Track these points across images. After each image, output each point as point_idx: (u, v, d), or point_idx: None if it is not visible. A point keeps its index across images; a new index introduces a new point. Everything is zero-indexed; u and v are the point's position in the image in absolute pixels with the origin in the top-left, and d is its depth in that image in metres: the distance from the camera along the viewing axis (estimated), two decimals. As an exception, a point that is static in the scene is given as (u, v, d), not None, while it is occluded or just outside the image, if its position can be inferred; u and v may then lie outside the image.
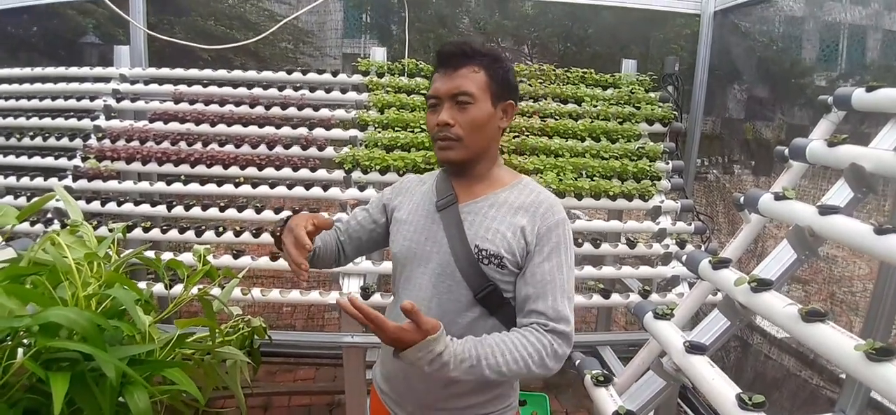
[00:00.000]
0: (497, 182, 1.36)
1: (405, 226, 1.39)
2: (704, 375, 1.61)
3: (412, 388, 1.35)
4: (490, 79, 1.29)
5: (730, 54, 3.30)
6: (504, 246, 1.26)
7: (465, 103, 1.26)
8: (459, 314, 1.29)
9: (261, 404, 3.33)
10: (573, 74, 3.30)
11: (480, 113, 1.27)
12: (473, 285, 1.27)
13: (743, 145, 3.38)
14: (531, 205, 1.30)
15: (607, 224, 2.95)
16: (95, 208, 2.82)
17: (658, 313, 1.98)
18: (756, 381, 2.75)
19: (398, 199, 1.47)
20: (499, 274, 1.27)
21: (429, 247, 1.33)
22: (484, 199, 1.33)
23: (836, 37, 3.10)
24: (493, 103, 1.29)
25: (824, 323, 1.44)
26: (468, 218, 1.31)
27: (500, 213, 1.30)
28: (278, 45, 7.97)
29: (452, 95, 1.27)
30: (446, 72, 1.29)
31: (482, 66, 1.28)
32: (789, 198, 1.86)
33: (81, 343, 1.07)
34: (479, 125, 1.28)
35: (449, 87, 1.27)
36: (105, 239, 1.55)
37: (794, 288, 2.78)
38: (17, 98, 3.20)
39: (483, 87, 1.28)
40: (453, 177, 1.38)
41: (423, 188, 1.44)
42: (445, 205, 1.34)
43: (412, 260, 1.35)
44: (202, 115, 3.07)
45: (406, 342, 1.08)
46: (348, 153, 2.89)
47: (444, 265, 1.29)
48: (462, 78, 1.27)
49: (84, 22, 5.52)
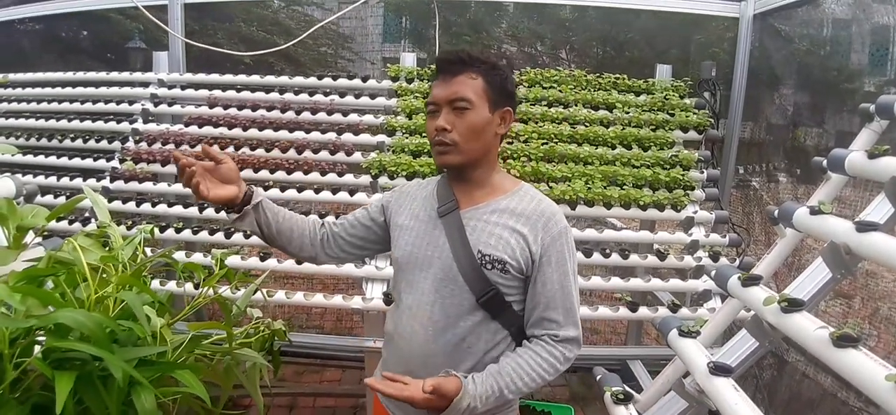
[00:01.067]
0: (498, 189, 1.37)
1: (407, 231, 1.40)
2: (728, 399, 1.53)
3: None
4: (488, 85, 1.30)
5: (770, 59, 3.17)
6: (508, 251, 1.28)
7: (462, 109, 1.28)
8: (461, 318, 1.31)
9: (286, 403, 3.37)
10: (605, 80, 3.23)
11: (477, 118, 1.28)
12: (476, 290, 1.29)
13: (784, 154, 3.23)
14: (533, 214, 1.32)
15: (637, 235, 2.87)
16: (131, 209, 2.92)
17: (683, 331, 1.90)
18: (791, 401, 2.62)
19: (398, 203, 1.48)
20: (502, 279, 1.29)
21: (430, 251, 1.34)
22: (485, 205, 1.35)
23: (886, 40, 2.94)
24: (490, 109, 1.30)
25: (856, 349, 1.35)
26: (470, 223, 1.33)
27: (502, 219, 1.32)
28: (318, 50, 8.09)
29: (450, 101, 1.28)
30: (444, 78, 1.31)
31: (480, 73, 1.29)
32: (825, 212, 1.76)
33: (86, 344, 1.09)
34: (477, 131, 1.29)
35: (447, 93, 1.29)
36: (131, 239, 1.59)
37: (834, 304, 2.63)
38: (59, 101, 3.34)
39: (480, 94, 1.29)
40: (454, 183, 1.39)
41: (424, 194, 1.45)
42: (447, 211, 1.35)
43: (414, 264, 1.37)
44: (235, 119, 3.14)
45: (437, 408, 1.19)
46: (375, 158, 2.90)
47: (445, 270, 1.31)
48: (459, 84, 1.28)
49: (130, 27, 5.73)
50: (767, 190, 3.28)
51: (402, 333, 1.37)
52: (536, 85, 3.23)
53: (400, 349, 1.38)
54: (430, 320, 1.32)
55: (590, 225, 3.06)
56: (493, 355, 1.32)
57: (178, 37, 3.45)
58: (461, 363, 1.30)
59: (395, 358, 1.40)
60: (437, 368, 1.27)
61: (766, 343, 1.70)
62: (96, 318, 1.15)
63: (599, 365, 2.43)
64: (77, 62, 5.16)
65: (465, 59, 1.29)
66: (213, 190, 1.31)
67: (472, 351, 1.31)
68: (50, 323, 1.12)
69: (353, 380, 3.62)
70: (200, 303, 1.60)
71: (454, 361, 1.30)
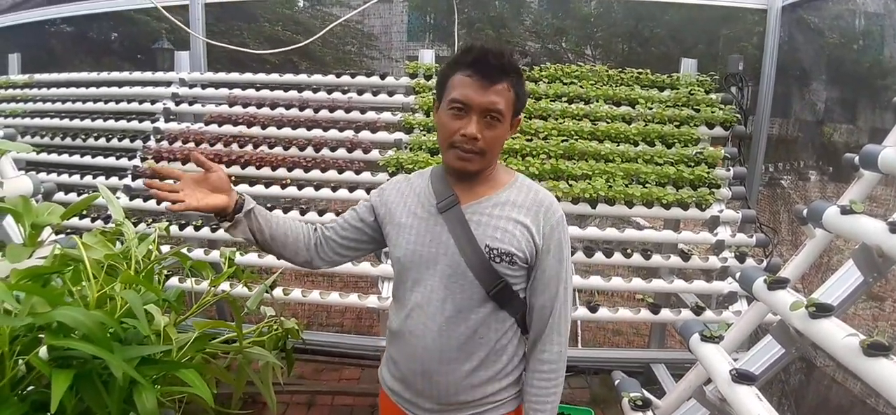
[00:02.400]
0: (497, 183, 1.37)
1: (406, 230, 1.38)
2: (750, 409, 1.45)
3: (434, 383, 1.35)
4: (516, 97, 1.30)
5: (800, 53, 3.05)
6: (514, 244, 1.30)
7: (495, 120, 1.26)
8: (473, 311, 1.32)
9: (305, 401, 3.37)
10: (627, 75, 3.15)
11: (504, 131, 1.30)
12: (485, 283, 1.31)
13: (815, 151, 3.10)
14: (533, 204, 1.34)
15: (659, 234, 2.79)
16: (152, 207, 2.95)
17: (705, 335, 1.82)
18: (819, 409, 2.51)
19: (390, 201, 1.45)
20: (510, 270, 1.31)
21: (434, 249, 1.33)
22: (487, 199, 1.34)
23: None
24: (512, 119, 1.32)
25: (888, 358, 1.27)
26: (473, 218, 1.33)
27: (505, 212, 1.32)
28: (343, 49, 8.13)
29: (485, 110, 1.25)
30: (482, 83, 1.25)
31: (512, 85, 1.28)
32: (857, 212, 1.67)
33: (84, 343, 1.09)
34: (500, 141, 1.31)
35: (483, 102, 1.25)
36: (145, 237, 1.59)
37: (866, 307, 2.52)
38: (83, 101, 3.40)
39: (510, 106, 1.29)
40: (454, 179, 1.37)
41: (418, 190, 1.42)
42: (447, 206, 1.34)
43: (418, 263, 1.35)
44: (254, 117, 3.15)
45: None
46: (392, 156, 2.88)
47: (453, 266, 1.31)
48: (497, 94, 1.25)
49: (157, 28, 5.83)
50: (796, 189, 3.16)
51: (412, 330, 1.36)
52: (557, 81, 3.16)
53: (411, 346, 1.36)
54: (442, 316, 1.32)
55: (613, 224, 2.98)
56: (502, 343, 1.35)
57: (199, 37, 3.47)
58: (474, 354, 1.33)
59: (405, 356, 1.38)
60: (452, 361, 1.31)
61: (792, 350, 1.62)
62: (96, 316, 1.14)
63: (622, 368, 2.37)
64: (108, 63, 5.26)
65: (507, 67, 1.26)
66: (203, 199, 1.33)
67: (484, 341, 1.33)
68: (50, 321, 1.11)
69: (371, 379, 3.61)
70: (208, 301, 1.59)
71: (467, 352, 1.32)
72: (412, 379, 1.38)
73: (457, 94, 1.26)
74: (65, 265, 1.36)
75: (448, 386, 1.34)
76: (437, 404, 1.37)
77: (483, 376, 1.34)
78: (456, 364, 1.32)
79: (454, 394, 1.35)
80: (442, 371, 1.33)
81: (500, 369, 1.36)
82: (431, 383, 1.35)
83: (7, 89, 3.60)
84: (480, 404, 1.36)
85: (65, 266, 1.35)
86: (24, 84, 3.62)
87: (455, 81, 1.28)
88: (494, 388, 1.36)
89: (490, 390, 1.36)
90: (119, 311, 1.33)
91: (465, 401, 1.36)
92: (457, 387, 1.34)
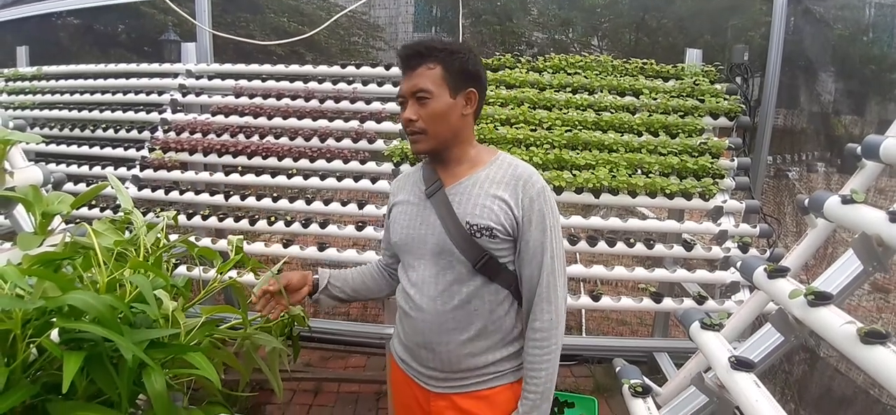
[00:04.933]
0: (477, 162, 1.49)
1: (401, 216, 1.53)
2: (748, 395, 1.47)
3: (436, 355, 1.47)
4: (446, 72, 1.40)
5: (806, 43, 3.03)
6: (492, 218, 1.39)
7: (424, 99, 1.39)
8: (463, 284, 1.43)
9: (312, 388, 3.42)
10: (632, 65, 3.15)
11: (439, 105, 1.39)
12: (470, 258, 1.41)
13: (820, 142, 3.09)
14: (511, 179, 1.42)
15: (662, 224, 2.79)
16: (160, 197, 2.99)
17: (705, 323, 1.84)
18: (823, 398, 2.52)
19: (395, 194, 1.62)
20: (492, 243, 1.41)
21: (424, 230, 1.47)
22: (467, 179, 1.46)
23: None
24: (451, 94, 1.41)
25: (885, 346, 1.28)
26: (455, 199, 1.44)
27: (484, 189, 1.43)
28: (349, 40, 8.11)
29: (413, 93, 1.40)
30: (406, 72, 1.42)
31: (437, 62, 1.39)
32: (857, 201, 1.67)
33: (95, 326, 1.12)
34: (440, 116, 1.40)
35: (409, 86, 1.40)
36: (153, 226, 1.63)
37: (870, 299, 2.52)
38: (91, 92, 3.44)
39: (439, 82, 1.39)
40: (435, 165, 1.51)
41: (413, 180, 1.57)
42: (434, 191, 1.47)
43: (411, 244, 1.49)
44: (260, 108, 3.18)
45: None
46: (397, 146, 2.90)
47: (440, 244, 1.43)
48: (419, 76, 1.39)
49: (165, 20, 5.85)
50: (802, 179, 3.15)
51: (412, 306, 1.48)
52: (561, 71, 3.17)
53: (414, 321, 1.48)
54: (437, 291, 1.44)
55: (618, 214, 2.99)
56: (498, 314, 1.45)
57: (205, 28, 3.50)
58: (471, 324, 1.43)
59: (411, 330, 1.50)
60: (451, 332, 1.43)
61: (791, 338, 1.63)
62: (106, 300, 1.17)
63: (625, 356, 2.38)
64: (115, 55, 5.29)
65: (422, 51, 1.40)
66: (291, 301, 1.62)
67: (480, 312, 1.43)
68: (62, 305, 1.14)
69: (377, 366, 3.65)
70: (215, 287, 1.62)
71: (464, 323, 1.44)
72: (417, 351, 1.51)
73: (397, 92, 1.47)
74: (75, 252, 1.40)
75: (449, 355, 1.45)
76: (441, 372, 1.48)
77: (481, 345, 1.45)
78: (454, 334, 1.43)
79: (456, 363, 1.46)
80: (442, 342, 1.44)
81: (499, 340, 1.46)
82: (434, 354, 1.47)
83: (16, 81, 3.65)
84: (482, 373, 1.46)
85: (75, 253, 1.39)
86: (32, 76, 3.66)
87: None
88: (494, 357, 1.46)
89: (490, 358, 1.46)
90: (129, 296, 1.36)
91: (466, 369, 1.46)
92: (458, 356, 1.45)
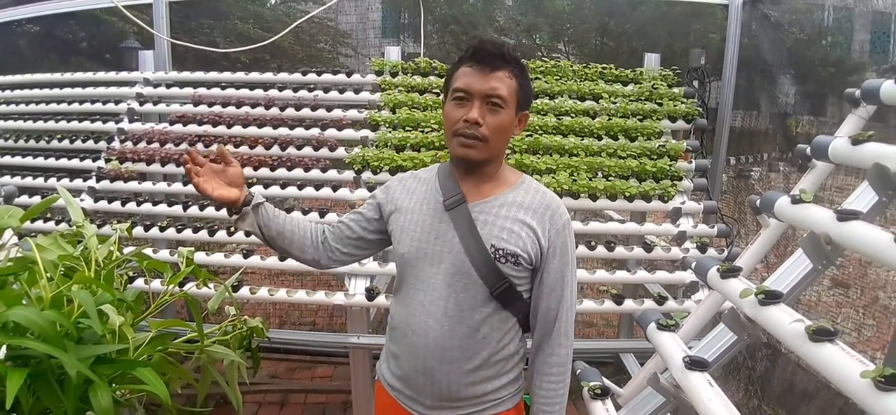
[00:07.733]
0: (503, 182, 1.39)
1: (411, 226, 1.39)
2: (701, 394, 1.48)
3: (435, 382, 1.36)
4: (519, 87, 1.32)
5: (762, 46, 3.11)
6: (520, 245, 1.31)
7: (496, 106, 1.28)
8: (476, 310, 1.33)
9: (278, 400, 3.36)
10: (592, 70, 3.18)
11: (507, 119, 1.31)
12: (489, 283, 1.32)
13: (777, 143, 3.17)
14: (539, 206, 1.35)
15: (622, 227, 2.83)
16: (117, 209, 2.90)
17: (662, 324, 1.86)
18: (785, 394, 2.57)
19: (396, 198, 1.46)
20: (514, 271, 1.32)
21: (439, 246, 1.34)
22: (494, 199, 1.36)
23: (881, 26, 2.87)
24: (516, 111, 1.33)
25: (833, 343, 1.31)
26: (480, 217, 1.34)
27: (511, 212, 1.34)
28: (314, 47, 8.07)
29: (486, 96, 1.28)
30: (482, 71, 1.29)
31: (514, 74, 1.31)
32: (806, 201, 1.71)
33: (37, 342, 1.09)
34: (504, 130, 1.32)
35: (484, 87, 1.28)
36: (106, 239, 1.58)
37: (831, 294, 2.58)
38: (47, 102, 3.34)
39: (513, 94, 1.31)
40: (462, 175, 1.38)
41: (425, 187, 1.43)
42: (454, 204, 1.35)
43: (422, 260, 1.36)
44: (219, 116, 3.12)
45: None
46: (358, 154, 2.87)
47: (458, 265, 1.32)
48: (498, 80, 1.28)
49: (126, 27, 5.74)
50: (762, 180, 3.22)
51: (415, 328, 1.37)
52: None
53: (414, 344, 1.37)
54: (445, 315, 1.33)
55: (583, 218, 3.01)
56: (504, 343, 1.37)
57: (162, 37, 3.43)
58: (477, 354, 1.34)
59: (407, 353, 1.39)
60: (454, 360, 1.33)
61: (744, 337, 1.65)
62: (49, 316, 1.14)
63: (592, 358, 2.39)
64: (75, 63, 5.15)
65: (506, 56, 1.30)
66: (217, 189, 1.39)
67: (488, 341, 1.35)
68: (7, 321, 1.11)
69: (344, 376, 3.61)
70: (165, 301, 1.58)
71: (471, 352, 1.34)
72: (414, 377, 1.39)
73: (459, 84, 1.31)
74: (24, 268, 1.35)
75: (449, 384, 1.36)
76: (437, 401, 1.38)
77: (484, 374, 1.36)
78: (458, 363, 1.33)
79: (455, 392, 1.36)
80: (443, 370, 1.34)
81: (501, 368, 1.38)
82: (433, 382, 1.37)
83: (-32, 92, 3.52)
84: (481, 401, 1.38)
85: (24, 268, 1.34)
86: (-15, 86, 3.54)
87: (458, 74, 1.34)
88: (495, 386, 1.38)
89: (490, 387, 1.38)
90: (76, 311, 1.32)
91: (465, 398, 1.37)
92: (458, 385, 1.35)
